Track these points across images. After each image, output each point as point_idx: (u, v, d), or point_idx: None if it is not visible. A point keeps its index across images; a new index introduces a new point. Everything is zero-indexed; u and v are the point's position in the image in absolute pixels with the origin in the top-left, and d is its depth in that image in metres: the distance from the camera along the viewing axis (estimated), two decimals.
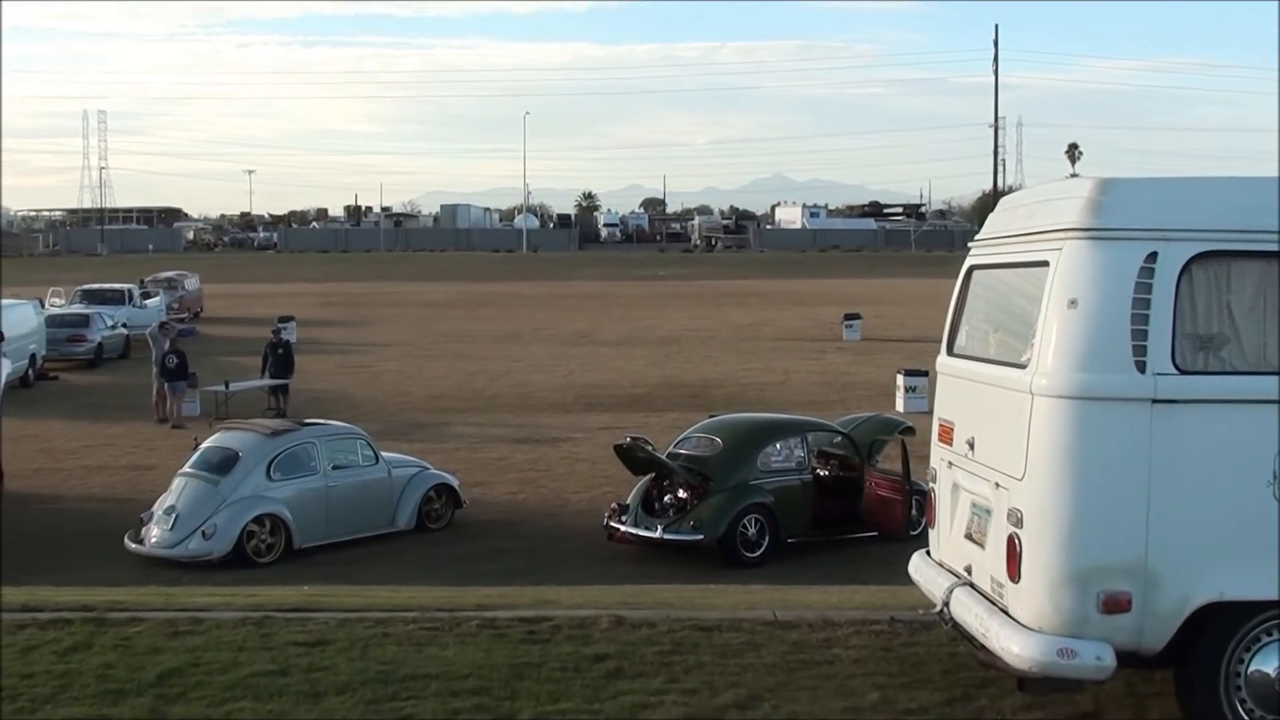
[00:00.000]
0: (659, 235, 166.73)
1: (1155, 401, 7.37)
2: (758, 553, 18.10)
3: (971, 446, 8.57)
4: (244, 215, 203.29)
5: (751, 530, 18.10)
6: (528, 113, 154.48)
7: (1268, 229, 7.61)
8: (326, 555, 18.67)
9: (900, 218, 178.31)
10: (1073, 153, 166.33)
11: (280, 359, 32.61)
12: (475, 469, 24.05)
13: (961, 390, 9.06)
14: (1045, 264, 7.81)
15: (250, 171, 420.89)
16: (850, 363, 41.52)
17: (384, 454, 20.46)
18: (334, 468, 19.48)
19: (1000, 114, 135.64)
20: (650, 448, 18.89)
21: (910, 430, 19.66)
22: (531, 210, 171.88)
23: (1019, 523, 7.66)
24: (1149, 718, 8.49)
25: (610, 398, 34.37)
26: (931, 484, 9.51)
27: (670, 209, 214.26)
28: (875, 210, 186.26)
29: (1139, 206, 7.63)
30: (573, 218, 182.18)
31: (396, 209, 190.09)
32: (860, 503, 18.90)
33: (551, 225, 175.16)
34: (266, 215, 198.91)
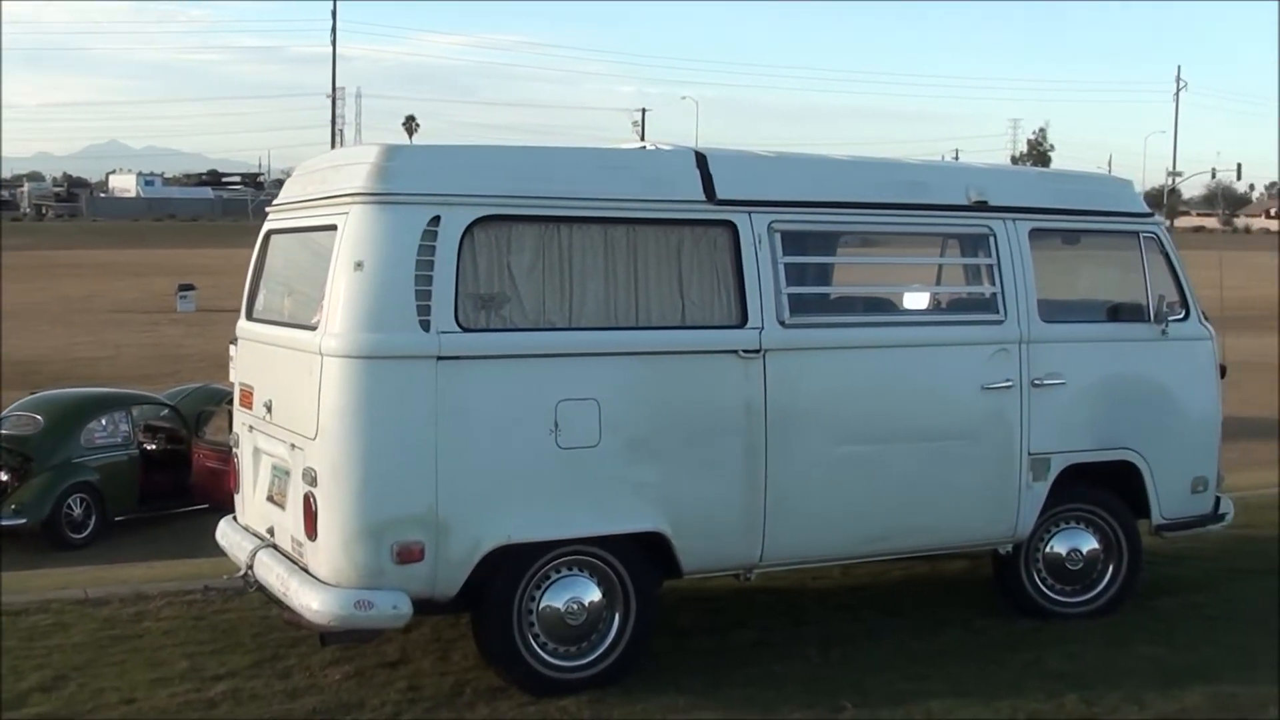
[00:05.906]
0: None
1: (440, 359, 7.66)
2: (85, 533, 17.62)
3: (269, 409, 8.65)
4: None
5: (77, 510, 17.60)
6: None
7: (542, 195, 8.06)
8: None
9: (239, 186, 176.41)
10: (410, 125, 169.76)
11: None
12: None
13: (260, 354, 9.11)
14: (335, 228, 7.97)
15: None
16: (184, 334, 40.76)
17: None
18: None
19: (339, 84, 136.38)
20: None
21: None
22: None
23: (314, 482, 7.80)
24: (452, 660, 8.87)
25: None
26: (235, 448, 9.51)
27: None
28: (214, 179, 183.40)
29: (423, 173, 7.89)
30: None
31: None
32: (189, 475, 18.66)
33: None
34: None
